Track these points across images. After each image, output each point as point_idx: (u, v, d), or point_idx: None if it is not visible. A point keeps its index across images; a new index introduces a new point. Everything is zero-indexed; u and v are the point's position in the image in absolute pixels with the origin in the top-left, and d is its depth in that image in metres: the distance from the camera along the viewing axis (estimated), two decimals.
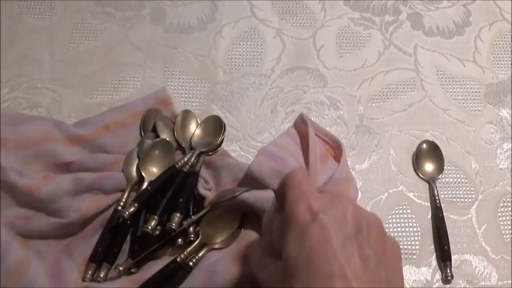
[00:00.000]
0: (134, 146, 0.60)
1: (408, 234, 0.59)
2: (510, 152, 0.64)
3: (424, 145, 0.63)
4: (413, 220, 0.60)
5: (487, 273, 0.57)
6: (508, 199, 0.61)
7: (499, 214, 0.60)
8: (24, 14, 0.71)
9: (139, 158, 0.59)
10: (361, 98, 0.67)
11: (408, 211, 0.60)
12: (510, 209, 0.61)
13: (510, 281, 0.57)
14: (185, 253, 0.53)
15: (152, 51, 0.69)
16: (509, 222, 0.60)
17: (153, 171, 0.58)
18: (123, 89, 0.66)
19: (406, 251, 0.58)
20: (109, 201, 0.56)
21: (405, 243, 0.58)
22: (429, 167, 0.62)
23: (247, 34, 0.71)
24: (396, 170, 0.62)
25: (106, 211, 0.56)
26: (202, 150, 0.60)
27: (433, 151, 0.63)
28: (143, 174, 0.57)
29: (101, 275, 0.52)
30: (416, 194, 0.61)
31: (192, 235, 0.54)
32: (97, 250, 0.53)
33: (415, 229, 0.59)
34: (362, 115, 0.66)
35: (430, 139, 0.64)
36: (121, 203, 0.56)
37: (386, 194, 0.61)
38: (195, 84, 0.67)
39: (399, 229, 0.59)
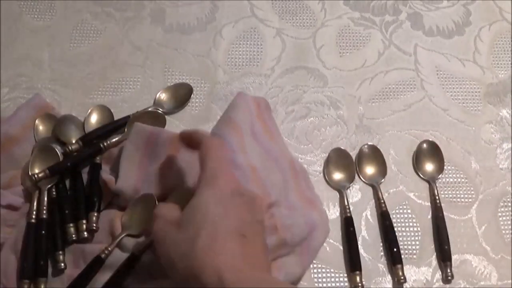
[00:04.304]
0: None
1: (408, 234, 0.59)
2: (510, 152, 0.64)
3: (424, 145, 0.63)
4: (413, 220, 0.60)
5: (487, 273, 0.57)
6: (508, 199, 0.61)
7: (499, 214, 0.60)
8: (24, 14, 0.71)
9: None
10: (361, 98, 0.67)
11: (408, 211, 0.60)
12: (510, 209, 0.61)
13: (510, 281, 0.57)
14: (109, 248, 0.53)
15: (152, 51, 0.69)
16: (509, 222, 0.60)
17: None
18: (123, 89, 0.66)
19: (407, 251, 0.58)
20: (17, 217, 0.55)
21: (405, 243, 0.58)
22: (429, 167, 0.62)
23: (247, 34, 0.71)
24: (396, 170, 0.62)
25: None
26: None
27: (433, 151, 0.63)
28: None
29: None
30: (416, 194, 0.61)
31: (94, 224, 0.54)
32: (23, 266, 0.52)
33: (415, 229, 0.59)
34: (362, 115, 0.66)
35: (430, 139, 0.64)
36: (33, 216, 0.54)
37: (386, 194, 0.61)
38: (195, 84, 0.67)
39: (399, 229, 0.59)
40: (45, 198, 0.55)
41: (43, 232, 0.54)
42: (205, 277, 0.39)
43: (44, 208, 0.55)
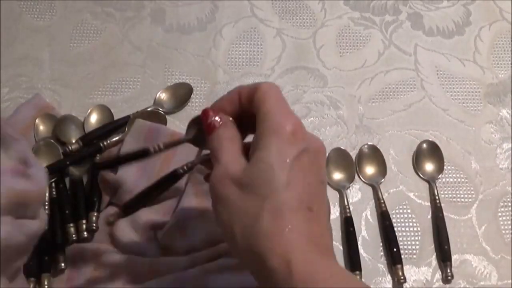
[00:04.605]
0: None
1: (408, 234, 0.59)
2: (510, 152, 0.64)
3: (424, 145, 0.63)
4: (413, 220, 0.60)
5: (487, 273, 0.57)
6: (508, 199, 0.61)
7: (499, 214, 0.60)
8: (24, 14, 0.71)
9: None
10: (361, 98, 0.67)
11: (408, 211, 0.60)
12: (510, 209, 0.61)
13: (510, 281, 0.57)
14: (189, 165, 0.45)
15: (152, 51, 0.69)
16: (509, 222, 0.60)
17: None
18: (123, 89, 0.66)
19: (407, 251, 0.58)
20: None
21: (405, 243, 0.58)
22: (429, 167, 0.62)
23: (247, 34, 0.71)
24: (396, 170, 0.62)
25: None
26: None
27: (433, 151, 0.63)
28: None
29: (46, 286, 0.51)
30: (416, 194, 0.61)
31: (94, 224, 0.54)
32: (28, 264, 0.51)
33: (415, 229, 0.59)
34: (362, 115, 0.66)
35: (430, 139, 0.64)
36: None
37: (386, 194, 0.61)
38: (195, 84, 0.67)
39: (399, 229, 0.59)
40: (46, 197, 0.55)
41: (45, 228, 0.53)
42: (271, 262, 0.34)
43: (46, 206, 0.55)
